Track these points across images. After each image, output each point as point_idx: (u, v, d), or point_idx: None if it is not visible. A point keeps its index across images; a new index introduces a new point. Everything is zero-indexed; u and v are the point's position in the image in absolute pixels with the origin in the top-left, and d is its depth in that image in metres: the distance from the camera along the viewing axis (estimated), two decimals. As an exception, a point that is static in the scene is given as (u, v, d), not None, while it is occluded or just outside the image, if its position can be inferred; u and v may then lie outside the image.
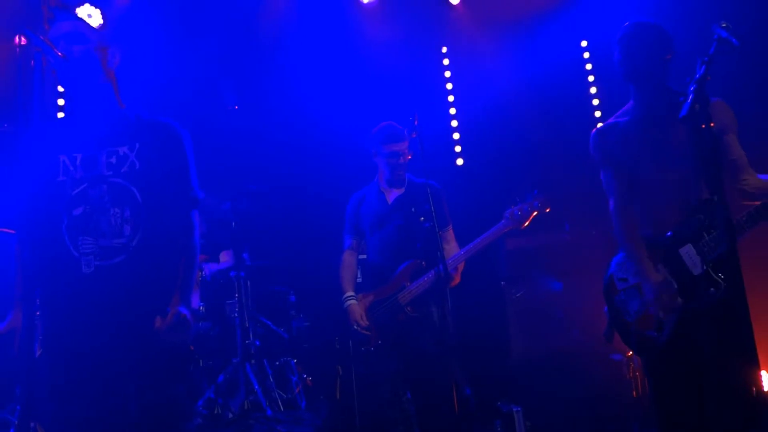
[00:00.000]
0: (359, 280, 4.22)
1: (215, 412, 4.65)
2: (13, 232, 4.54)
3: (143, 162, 2.34)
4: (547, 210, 3.60)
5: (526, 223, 3.60)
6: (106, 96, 2.42)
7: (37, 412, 2.10)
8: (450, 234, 3.88)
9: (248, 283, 5.06)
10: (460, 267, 3.72)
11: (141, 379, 2.27)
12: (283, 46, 5.69)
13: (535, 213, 3.59)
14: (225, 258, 5.33)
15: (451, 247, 3.79)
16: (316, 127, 5.66)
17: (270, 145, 5.64)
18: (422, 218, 3.71)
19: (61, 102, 5.89)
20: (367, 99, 5.61)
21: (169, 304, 2.32)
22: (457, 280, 3.70)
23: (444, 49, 6.22)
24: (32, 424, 2.58)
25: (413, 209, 3.81)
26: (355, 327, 3.75)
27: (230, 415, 4.62)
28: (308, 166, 5.62)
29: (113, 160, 2.34)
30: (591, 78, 5.88)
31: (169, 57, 5.43)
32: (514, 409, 4.30)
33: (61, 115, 5.89)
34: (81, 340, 2.26)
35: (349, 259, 4.00)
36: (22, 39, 5.96)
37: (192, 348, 2.40)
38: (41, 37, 2.22)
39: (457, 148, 6.08)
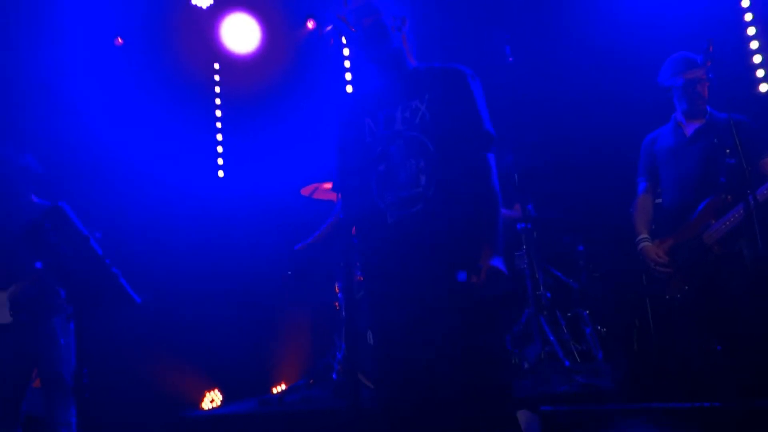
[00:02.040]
0: (653, 227, 3.94)
1: (512, 362, 4.75)
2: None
3: (433, 111, 2.40)
4: None
5: None
6: (397, 58, 2.51)
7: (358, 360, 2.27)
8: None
9: (535, 235, 5.03)
10: None
11: (455, 332, 2.25)
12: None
13: None
14: (517, 207, 5.35)
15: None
16: (596, 69, 5.37)
17: (548, 95, 5.49)
18: (727, 150, 3.33)
19: (348, 76, 6.39)
20: (650, 32, 5.17)
21: (480, 258, 2.26)
22: None
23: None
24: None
25: (715, 140, 3.43)
26: (653, 266, 3.50)
27: (526, 365, 4.68)
28: (591, 113, 5.36)
29: (407, 114, 2.43)
30: None
31: (444, 12, 5.57)
32: None
33: (349, 89, 6.40)
34: (393, 290, 2.36)
35: (644, 202, 3.75)
36: (312, 22, 6.65)
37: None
38: (338, 16, 2.39)
39: (759, 73, 5.31)
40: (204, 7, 6.41)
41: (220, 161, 6.63)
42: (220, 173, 6.59)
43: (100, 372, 3.55)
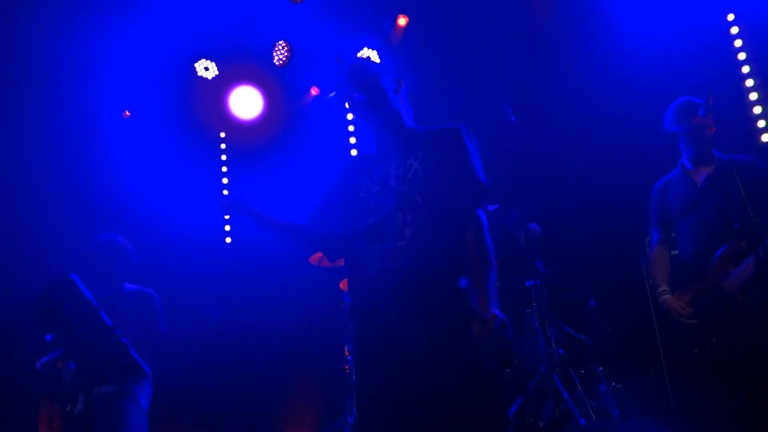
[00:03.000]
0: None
1: (527, 421, 4.67)
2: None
3: (425, 167, 2.46)
4: None
5: None
6: (395, 119, 2.60)
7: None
8: None
9: (544, 291, 5.01)
10: None
11: (444, 393, 2.24)
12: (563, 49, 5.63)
13: None
14: None
15: None
16: (598, 121, 5.45)
17: (553, 150, 5.56)
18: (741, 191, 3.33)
19: (353, 140, 6.52)
20: (648, 84, 5.26)
21: (482, 310, 2.27)
22: None
23: (731, 17, 5.57)
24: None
25: (726, 187, 3.44)
26: (677, 318, 3.43)
27: (542, 424, 4.59)
28: (595, 166, 5.41)
29: (401, 171, 2.50)
30: None
31: (442, 71, 5.70)
32: None
33: (354, 152, 6.52)
34: (378, 341, 2.36)
35: (659, 254, 3.70)
36: (316, 90, 6.84)
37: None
38: (336, 83, 2.45)
39: (761, 123, 5.37)
40: (209, 78, 6.60)
41: (227, 228, 6.71)
42: (228, 239, 6.67)
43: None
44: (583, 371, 4.98)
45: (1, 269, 5.17)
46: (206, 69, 6.55)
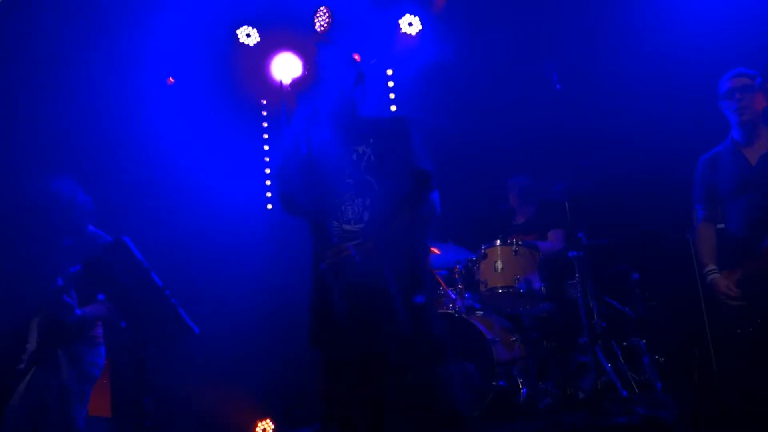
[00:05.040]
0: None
1: (566, 392, 4.66)
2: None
3: (377, 154, 2.70)
4: None
5: None
6: (351, 106, 2.83)
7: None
8: None
9: (587, 263, 4.95)
10: None
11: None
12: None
13: None
14: (552, 237, 5.29)
15: None
16: (646, 91, 5.32)
17: (597, 120, 5.45)
18: None
19: (393, 108, 6.47)
20: (699, 54, 5.11)
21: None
22: None
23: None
24: None
25: None
26: (723, 299, 3.39)
27: (581, 396, 4.58)
28: (641, 136, 5.30)
29: (354, 156, 2.73)
30: None
31: (486, 39, 5.61)
32: None
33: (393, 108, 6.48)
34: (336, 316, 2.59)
35: (705, 231, 3.63)
36: (356, 56, 6.79)
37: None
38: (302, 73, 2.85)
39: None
40: (251, 45, 6.58)
41: (269, 194, 6.76)
42: (269, 206, 6.71)
43: (160, 401, 3.60)
44: (625, 344, 4.94)
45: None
46: (248, 36, 6.53)
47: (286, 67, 6.71)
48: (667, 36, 5.36)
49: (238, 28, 6.49)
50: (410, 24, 6.28)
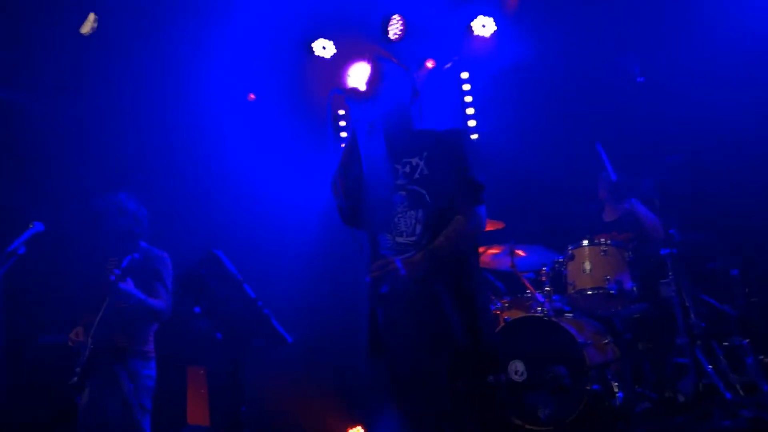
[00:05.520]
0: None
1: (665, 395, 4.49)
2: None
3: (429, 167, 2.70)
4: None
5: None
6: (407, 120, 2.85)
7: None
8: None
9: (681, 260, 4.76)
10: None
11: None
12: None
13: None
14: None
15: None
16: (734, 82, 5.08)
17: (685, 113, 5.25)
18: None
19: (470, 110, 6.43)
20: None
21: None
22: None
23: None
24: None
25: None
26: None
27: (682, 399, 4.41)
28: (733, 127, 5.06)
29: (407, 169, 2.74)
30: None
31: (565, 34, 5.50)
32: None
33: (471, 123, 6.43)
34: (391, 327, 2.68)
35: None
36: (431, 62, 6.79)
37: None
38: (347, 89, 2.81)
39: None
40: (327, 57, 6.69)
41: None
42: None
43: (256, 410, 3.70)
44: (726, 344, 4.71)
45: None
46: (323, 48, 6.65)
47: (361, 77, 6.81)
48: (757, 22, 5.11)
49: (314, 41, 6.61)
50: (483, 25, 6.23)
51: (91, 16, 5.66)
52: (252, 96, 6.59)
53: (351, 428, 5.66)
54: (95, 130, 5.87)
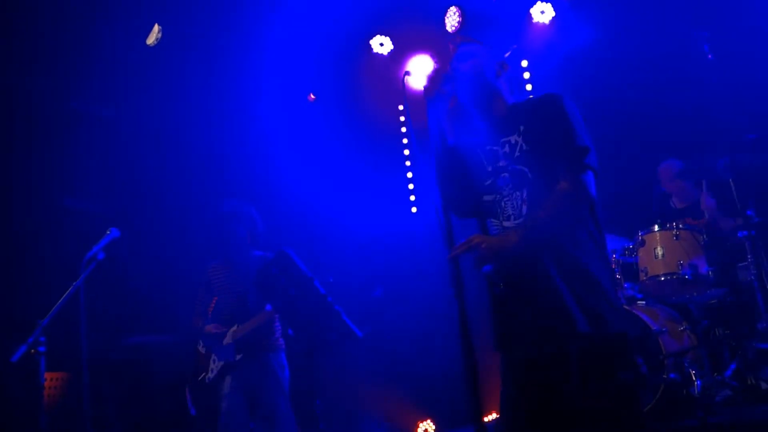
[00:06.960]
0: None
1: (747, 383, 4.34)
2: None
3: (528, 142, 2.50)
4: None
5: None
6: (496, 99, 2.63)
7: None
8: None
9: (760, 242, 4.58)
10: None
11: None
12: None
13: None
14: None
15: None
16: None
17: (757, 91, 5.04)
18: None
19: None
20: None
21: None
22: None
23: None
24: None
25: None
26: None
27: (765, 386, 4.25)
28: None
29: (507, 149, 2.54)
30: None
31: (630, 12, 5.35)
32: None
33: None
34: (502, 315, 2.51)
35: None
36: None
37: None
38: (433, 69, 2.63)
39: None
40: (385, 53, 6.72)
41: (412, 198, 6.84)
42: (414, 209, 6.80)
43: (330, 404, 3.76)
44: (813, 328, 4.51)
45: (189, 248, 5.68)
46: (381, 45, 6.68)
47: (422, 71, 6.80)
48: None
49: (371, 38, 6.65)
50: (542, 12, 6.15)
51: (156, 27, 5.87)
52: (312, 96, 6.68)
53: (421, 422, 5.69)
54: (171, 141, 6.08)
